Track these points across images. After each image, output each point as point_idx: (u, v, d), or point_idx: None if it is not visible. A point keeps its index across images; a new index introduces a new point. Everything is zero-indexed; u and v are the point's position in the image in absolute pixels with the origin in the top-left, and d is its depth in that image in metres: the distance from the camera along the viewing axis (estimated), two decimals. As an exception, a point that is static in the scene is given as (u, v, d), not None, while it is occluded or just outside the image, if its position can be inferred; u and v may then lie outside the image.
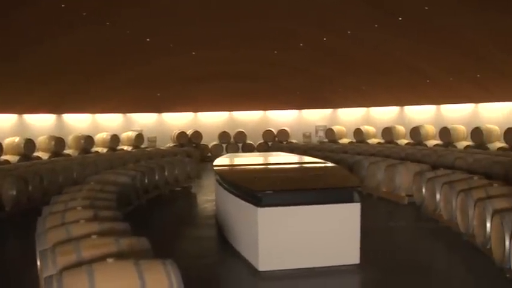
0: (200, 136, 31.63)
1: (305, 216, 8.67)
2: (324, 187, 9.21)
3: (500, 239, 7.73)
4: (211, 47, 22.28)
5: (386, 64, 22.78)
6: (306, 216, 8.67)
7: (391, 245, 10.64)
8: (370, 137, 28.88)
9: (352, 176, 9.61)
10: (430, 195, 12.21)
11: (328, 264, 8.69)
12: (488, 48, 18.26)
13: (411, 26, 18.02)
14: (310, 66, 25.41)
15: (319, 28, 20.05)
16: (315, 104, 32.07)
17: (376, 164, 15.96)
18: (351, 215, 8.78)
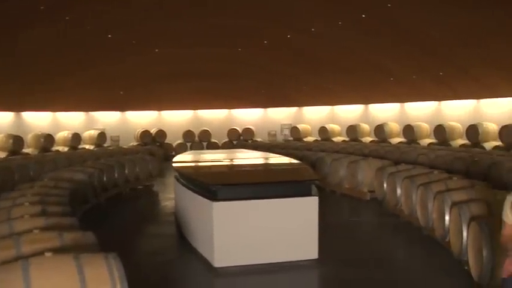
0: (164, 135, 31.23)
1: (262, 211, 8.45)
2: (280, 180, 8.99)
3: (458, 231, 7.62)
4: (174, 44, 21.92)
5: (350, 62, 22.72)
6: (263, 210, 8.45)
7: (352, 240, 10.49)
8: (335, 135, 28.85)
9: (310, 169, 9.40)
10: (391, 190, 12.12)
11: (286, 259, 8.47)
12: (450, 46, 18.31)
13: (374, 23, 17.97)
14: (275, 64, 25.23)
15: (283, 25, 19.86)
16: (280, 103, 31.94)
17: (339, 161, 15.85)
18: (309, 208, 8.58)
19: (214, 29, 20.23)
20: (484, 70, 19.34)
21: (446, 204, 8.43)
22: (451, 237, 8.15)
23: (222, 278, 8.18)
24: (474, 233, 6.79)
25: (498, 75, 19.47)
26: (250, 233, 8.39)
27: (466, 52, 18.43)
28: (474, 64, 19.10)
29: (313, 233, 8.56)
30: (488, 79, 20.16)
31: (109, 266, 5.03)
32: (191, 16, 18.59)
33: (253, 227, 8.41)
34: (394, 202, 11.96)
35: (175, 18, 18.60)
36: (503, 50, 17.26)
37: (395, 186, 11.71)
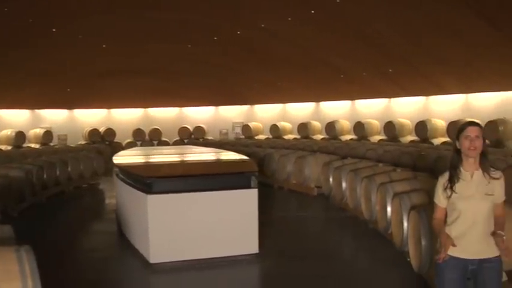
0: (113, 133, 30.50)
1: (199, 204, 8.12)
2: (218, 172, 8.64)
3: (399, 221, 7.46)
4: (123, 39, 21.31)
5: (301, 59, 22.58)
6: (200, 203, 8.12)
7: (296, 235, 10.28)
8: (287, 133, 28.69)
9: (251, 162, 9.10)
10: (336, 184, 11.96)
11: (225, 254, 8.16)
12: (399, 43, 18.34)
13: (324, 19, 17.85)
14: (225, 60, 24.89)
15: (232, 21, 19.53)
16: (232, 101, 31.62)
17: (287, 157, 15.64)
18: (248, 201, 8.28)
19: (164, 25, 19.77)
20: (432, 67, 19.45)
21: (388, 195, 8.27)
22: (393, 229, 7.99)
23: (158, 274, 7.85)
24: (414, 223, 6.62)
25: (446, 73, 19.61)
26: (187, 227, 8.05)
27: (414, 49, 18.49)
28: (423, 61, 19.18)
29: (253, 226, 8.27)
30: (436, 76, 20.30)
31: (20, 259, 4.60)
32: (139, 10, 18.05)
33: (191, 220, 8.07)
34: (339, 196, 11.80)
35: (123, 12, 18.04)
36: (451, 48, 17.36)
37: (341, 180, 11.55)
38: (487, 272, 4.11)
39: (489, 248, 4.10)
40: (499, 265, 4.17)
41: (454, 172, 4.18)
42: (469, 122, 4.24)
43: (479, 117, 19.21)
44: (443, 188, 4.19)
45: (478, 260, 4.10)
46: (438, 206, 4.27)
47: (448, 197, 4.16)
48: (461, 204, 4.11)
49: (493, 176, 4.14)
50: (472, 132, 4.10)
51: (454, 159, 4.22)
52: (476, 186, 4.11)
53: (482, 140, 4.12)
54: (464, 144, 4.11)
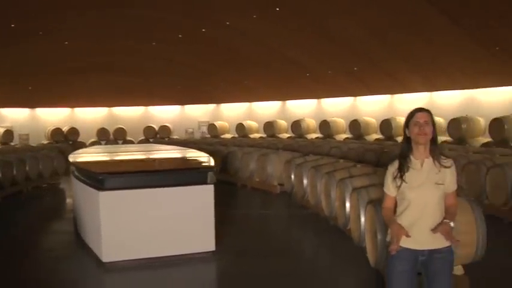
0: (77, 133, 29.94)
1: (153, 200, 7.86)
2: (173, 168, 8.40)
3: (357, 216, 7.31)
4: (86, 36, 20.84)
5: (267, 57, 22.46)
6: (154, 200, 7.86)
7: (256, 233, 10.10)
8: (253, 132, 28.52)
9: (209, 158, 8.88)
10: (298, 181, 11.80)
11: (181, 252, 7.93)
12: (364, 41, 18.31)
13: (289, 16, 17.73)
14: (191, 59, 24.63)
15: (197, 18, 19.27)
16: (198, 100, 31.33)
17: (250, 155, 15.45)
18: (204, 197, 8.06)
19: (127, 21, 19.41)
20: (397, 65, 19.49)
21: (347, 190, 8.12)
22: (351, 224, 7.84)
23: (111, 273, 7.58)
24: (370, 217, 6.48)
25: (410, 71, 19.68)
26: (141, 224, 7.78)
27: (379, 47, 18.50)
28: (387, 59, 19.21)
29: (209, 223, 8.05)
30: (401, 74, 20.35)
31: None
32: (103, 7, 17.66)
33: (145, 218, 7.80)
34: (301, 193, 11.64)
35: (86, 8, 17.59)
36: (415, 46, 17.41)
37: (302, 177, 11.38)
38: (437, 263, 3.98)
39: (440, 238, 3.95)
40: (450, 256, 4.03)
41: (403, 161, 4.03)
42: (417, 108, 4.07)
43: (443, 115, 19.39)
44: (393, 177, 4.03)
45: (429, 251, 3.96)
46: (387, 195, 4.13)
47: (397, 187, 4.01)
48: (411, 193, 3.96)
49: (443, 165, 4.00)
50: (421, 118, 3.96)
51: (404, 147, 4.07)
52: (426, 175, 3.97)
53: (432, 127, 3.98)
54: (413, 131, 3.96)
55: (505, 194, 9.86)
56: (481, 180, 10.62)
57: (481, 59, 16.72)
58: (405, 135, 4.07)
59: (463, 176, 11.29)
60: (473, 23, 14.88)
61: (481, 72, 17.91)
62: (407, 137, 4.04)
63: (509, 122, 16.31)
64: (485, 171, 10.54)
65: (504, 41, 15.17)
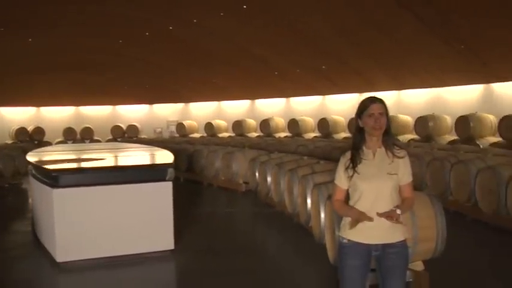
0: (43, 132, 29.32)
1: (109, 198, 7.61)
2: (130, 165, 8.17)
3: (318, 213, 7.17)
4: (50, 33, 20.37)
5: (234, 55, 22.26)
6: (111, 197, 7.62)
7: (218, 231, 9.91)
8: (222, 131, 28.31)
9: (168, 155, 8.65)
10: (262, 179, 11.64)
11: (138, 251, 7.72)
12: (331, 39, 18.25)
13: (256, 14, 17.58)
14: (158, 57, 24.33)
15: (164, 16, 18.97)
16: (167, 98, 31.03)
17: (215, 153, 15.23)
18: (163, 195, 7.83)
19: (93, 18, 19.01)
20: (364, 64, 19.47)
21: (309, 187, 7.97)
22: (312, 221, 7.69)
23: (66, 274, 7.32)
24: (329, 213, 6.33)
25: (378, 69, 19.68)
26: (97, 222, 7.54)
27: (347, 45, 18.46)
28: (355, 58, 19.19)
29: (168, 221, 7.83)
30: (369, 73, 20.34)
31: None
32: (68, 3, 17.23)
33: (101, 216, 7.56)
34: (265, 191, 11.48)
35: (49, 4, 17.14)
36: (382, 44, 17.39)
37: (266, 175, 11.22)
38: (391, 258, 3.83)
39: (393, 232, 3.82)
40: (405, 250, 3.89)
41: (356, 152, 3.87)
42: (371, 98, 3.91)
43: (410, 114, 19.47)
44: (345, 168, 3.87)
45: (382, 245, 3.82)
46: (338, 187, 3.97)
47: (349, 177, 3.85)
48: (363, 184, 3.81)
49: (396, 155, 3.86)
50: (375, 109, 3.81)
51: (357, 138, 3.92)
52: (378, 166, 3.82)
53: (386, 117, 3.83)
54: (368, 123, 3.81)
55: (468, 190, 9.82)
56: (445, 177, 10.60)
57: (447, 58, 16.77)
58: (357, 126, 3.91)
59: (427, 173, 11.27)
60: (438, 21, 14.91)
61: (447, 71, 17.99)
62: (360, 128, 3.89)
63: (474, 120, 16.39)
64: (450, 168, 10.51)
65: (469, 39, 15.22)
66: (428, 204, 5.95)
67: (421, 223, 5.77)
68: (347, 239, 3.87)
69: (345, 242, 3.88)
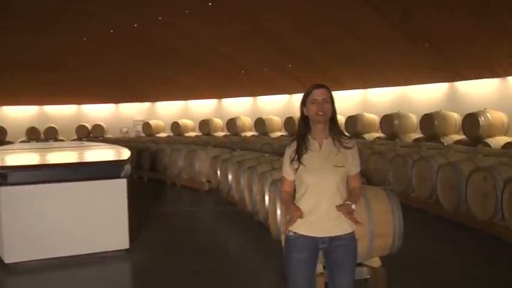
0: (4, 132, 28.44)
1: (61, 196, 7.36)
2: (81, 161, 7.89)
3: (275, 210, 7.01)
4: (11, 31, 19.82)
5: (201, 54, 22.01)
6: (62, 195, 7.37)
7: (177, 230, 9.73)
8: (188, 130, 27.97)
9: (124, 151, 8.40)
10: (224, 177, 11.45)
11: (91, 251, 7.48)
12: (297, 38, 18.15)
13: (221, 12, 17.38)
14: (124, 55, 23.89)
15: (128, 13, 18.64)
16: (133, 98, 30.55)
17: (178, 151, 14.98)
18: (117, 192, 7.60)
19: (56, 14, 18.55)
20: (330, 62, 19.42)
21: (267, 183, 7.81)
22: (270, 218, 7.52)
23: (15, 275, 7.04)
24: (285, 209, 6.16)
25: (344, 68, 19.65)
26: (47, 221, 7.28)
27: (313, 44, 18.37)
28: (321, 56, 19.11)
29: (122, 219, 7.62)
30: (334, 72, 20.28)
31: None
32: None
33: (52, 214, 7.31)
34: (227, 189, 11.30)
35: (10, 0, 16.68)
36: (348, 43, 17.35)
37: (227, 173, 11.04)
38: (339, 251, 3.68)
39: (341, 225, 3.67)
40: (353, 243, 3.73)
41: (301, 142, 3.72)
42: (314, 84, 3.76)
43: (376, 112, 19.47)
44: (290, 160, 3.71)
45: (329, 238, 3.67)
46: (285, 179, 3.82)
47: (295, 169, 3.69)
48: (309, 176, 3.65)
49: (344, 145, 3.70)
50: (319, 95, 3.67)
51: (302, 127, 3.77)
52: (325, 157, 3.67)
53: (331, 104, 3.67)
54: (311, 110, 3.66)
55: (430, 187, 9.78)
56: (408, 174, 10.55)
57: (411, 56, 16.79)
58: (302, 114, 3.76)
59: (390, 170, 11.21)
60: (402, 18, 14.90)
61: (412, 69, 18.01)
62: (305, 116, 3.73)
63: (439, 118, 16.41)
64: (412, 164, 10.46)
65: (433, 37, 15.25)
66: (385, 199, 5.83)
67: (377, 218, 5.65)
68: (293, 232, 3.71)
69: (291, 235, 3.72)
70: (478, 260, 7.30)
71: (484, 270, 6.80)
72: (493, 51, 15.20)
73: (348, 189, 3.74)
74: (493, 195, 7.91)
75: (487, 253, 7.60)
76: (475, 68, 16.37)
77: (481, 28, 14.18)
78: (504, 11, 13.24)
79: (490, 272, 6.71)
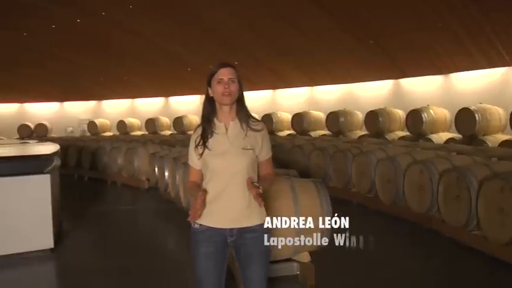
0: None
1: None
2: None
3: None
4: None
5: (146, 51, 21.58)
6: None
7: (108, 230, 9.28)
8: (135, 129, 27.41)
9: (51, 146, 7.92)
10: (161, 174, 11.11)
11: (12, 251, 7.01)
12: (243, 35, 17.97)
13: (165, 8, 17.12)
14: (67, 52, 23.21)
15: (70, 7, 18.03)
16: (78, 96, 29.87)
17: (118, 149, 14.53)
18: (39, 189, 7.15)
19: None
20: (277, 60, 19.33)
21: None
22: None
23: None
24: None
25: (291, 66, 19.59)
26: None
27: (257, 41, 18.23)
28: (267, 54, 19.00)
29: (46, 218, 7.17)
30: (282, 69, 20.21)
31: None
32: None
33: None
34: (163, 186, 10.96)
35: None
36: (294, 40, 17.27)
37: (164, 170, 10.70)
38: (249, 244, 3.40)
39: (251, 215, 3.40)
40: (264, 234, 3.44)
41: (207, 125, 3.44)
42: (220, 63, 3.48)
43: (323, 110, 19.43)
44: (195, 145, 3.43)
45: (238, 230, 3.39)
46: (191, 168, 3.54)
47: (200, 155, 3.41)
48: (215, 162, 3.37)
49: (253, 128, 3.45)
50: (225, 74, 3.40)
51: (207, 109, 3.48)
52: (231, 140, 3.40)
53: (238, 85, 3.41)
54: (217, 90, 3.40)
55: (369, 182, 9.66)
56: (348, 169, 10.41)
57: (357, 54, 16.84)
58: (207, 96, 3.48)
59: (331, 165, 11.08)
60: (347, 16, 14.88)
61: (358, 67, 18.08)
62: (210, 98, 3.46)
63: (383, 114, 16.43)
64: (352, 159, 10.34)
65: (377, 35, 15.28)
66: (313, 192, 5.61)
67: (305, 212, 5.41)
68: (199, 224, 3.41)
69: (197, 227, 3.43)
70: (412, 253, 7.20)
71: (418, 264, 6.70)
72: (435, 49, 15.35)
73: (259, 176, 3.48)
74: (429, 188, 7.83)
75: (423, 246, 7.51)
76: (418, 65, 16.52)
77: (422, 26, 14.27)
78: (444, 9, 13.35)
79: (424, 265, 6.61)
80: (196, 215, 3.31)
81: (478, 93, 15.64)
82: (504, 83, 15.49)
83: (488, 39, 14.10)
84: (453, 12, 13.47)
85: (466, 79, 16.38)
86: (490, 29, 13.68)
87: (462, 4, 13.06)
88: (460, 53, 15.21)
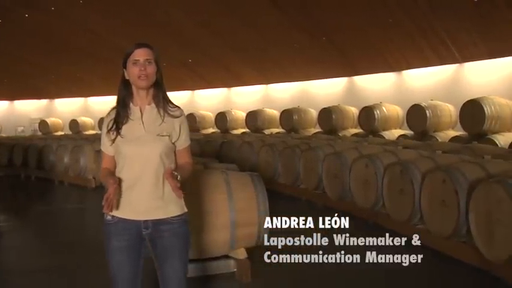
0: None
1: None
2: None
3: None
4: None
5: (98, 47, 21.20)
6: None
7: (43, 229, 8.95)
8: (88, 128, 26.83)
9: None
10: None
11: None
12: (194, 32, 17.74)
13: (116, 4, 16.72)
14: (16, 48, 22.61)
15: (18, 1, 17.49)
16: (29, 94, 29.09)
17: (65, 147, 14.08)
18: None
19: None
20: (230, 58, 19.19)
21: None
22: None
23: None
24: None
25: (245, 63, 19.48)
26: None
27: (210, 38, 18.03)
28: (221, 52, 18.83)
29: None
30: (236, 67, 20.08)
31: None
32: None
33: None
34: (109, 184, 10.59)
35: None
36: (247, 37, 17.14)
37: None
38: (166, 237, 3.15)
39: (166, 206, 3.15)
40: (183, 227, 3.21)
41: (121, 110, 3.19)
42: (137, 43, 3.24)
43: (277, 108, 19.34)
44: (107, 129, 3.18)
45: (153, 222, 3.14)
46: (104, 154, 3.26)
47: (112, 141, 3.16)
48: (127, 149, 3.12)
49: (170, 113, 3.22)
50: (141, 55, 3.15)
51: (122, 92, 3.24)
52: (146, 126, 3.15)
53: (155, 66, 3.18)
54: (132, 72, 3.15)
55: (317, 178, 9.53)
56: (296, 165, 10.28)
57: (310, 51, 16.82)
58: (123, 78, 3.24)
59: (280, 162, 10.94)
60: (300, 13, 14.83)
61: (312, 65, 18.06)
62: (126, 80, 3.22)
63: (336, 112, 16.42)
64: (300, 155, 10.21)
65: (330, 32, 15.26)
66: (249, 185, 5.42)
67: (240, 206, 5.24)
68: (111, 216, 3.16)
69: (109, 218, 3.17)
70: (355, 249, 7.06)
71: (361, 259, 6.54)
72: (387, 45, 15.40)
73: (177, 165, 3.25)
74: (374, 182, 7.72)
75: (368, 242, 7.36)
76: (370, 62, 16.58)
77: (374, 23, 14.30)
78: (395, 5, 13.39)
79: (366, 260, 6.46)
80: (109, 205, 3.06)
81: (430, 90, 15.76)
82: (454, 80, 15.65)
83: (438, 36, 14.22)
84: (404, 9, 13.53)
85: (417, 76, 16.51)
86: (440, 26, 13.78)
87: (412, 0, 13.12)
88: (411, 49, 15.34)
